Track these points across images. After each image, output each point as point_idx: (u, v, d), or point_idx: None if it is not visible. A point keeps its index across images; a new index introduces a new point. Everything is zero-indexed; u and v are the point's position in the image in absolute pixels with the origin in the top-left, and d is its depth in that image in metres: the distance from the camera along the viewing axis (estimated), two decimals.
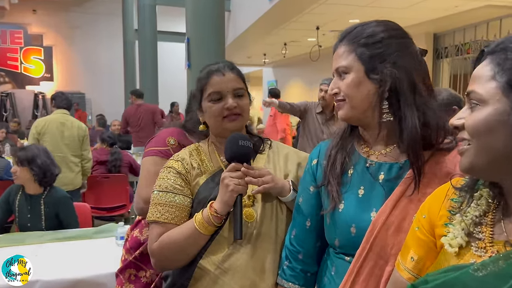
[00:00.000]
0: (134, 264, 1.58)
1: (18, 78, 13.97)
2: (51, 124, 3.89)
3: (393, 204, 0.96)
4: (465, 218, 0.72)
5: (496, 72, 0.65)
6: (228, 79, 1.28)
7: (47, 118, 4.06)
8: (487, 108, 0.65)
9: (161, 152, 1.52)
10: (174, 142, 1.54)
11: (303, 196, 1.16)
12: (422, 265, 0.80)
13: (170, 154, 1.47)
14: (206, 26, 3.76)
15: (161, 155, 1.51)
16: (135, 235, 1.63)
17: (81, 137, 3.97)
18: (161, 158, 1.49)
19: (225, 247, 1.20)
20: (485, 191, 0.73)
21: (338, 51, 1.04)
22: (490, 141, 0.65)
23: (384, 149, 1.03)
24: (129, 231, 1.69)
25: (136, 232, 1.64)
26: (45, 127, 3.87)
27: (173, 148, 1.51)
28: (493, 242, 0.68)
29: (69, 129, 3.92)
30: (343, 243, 1.03)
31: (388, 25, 1.02)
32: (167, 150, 1.52)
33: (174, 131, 1.59)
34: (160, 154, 1.52)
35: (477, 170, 0.69)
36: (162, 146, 1.53)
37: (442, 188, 0.83)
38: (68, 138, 3.89)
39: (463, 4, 5.53)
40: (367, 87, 0.99)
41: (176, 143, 1.54)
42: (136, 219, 1.69)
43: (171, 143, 1.53)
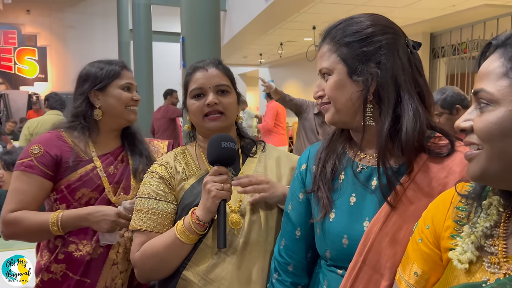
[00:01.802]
0: None
1: (12, 78, 13.85)
2: (44, 125, 3.82)
3: (387, 213, 0.88)
4: (475, 229, 0.65)
5: (509, 68, 0.59)
6: (211, 75, 1.22)
7: (40, 119, 3.99)
8: (500, 109, 0.59)
9: (22, 165, 1.38)
10: (38, 150, 1.39)
11: (292, 204, 1.08)
12: (426, 281, 0.73)
13: (33, 165, 1.37)
14: (201, 25, 3.71)
15: (22, 168, 1.38)
16: (37, 260, 1.48)
17: None
18: (21, 172, 1.37)
19: (209, 256, 1.13)
20: (495, 198, 0.66)
21: (321, 50, 0.97)
22: (504, 146, 0.58)
23: (375, 153, 0.94)
24: (35, 253, 1.54)
25: (38, 256, 1.49)
26: (37, 128, 3.80)
27: (36, 158, 1.38)
28: (507, 257, 0.61)
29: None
30: (335, 255, 0.96)
31: (374, 20, 0.95)
32: (29, 161, 1.38)
33: (43, 137, 1.46)
34: (21, 168, 1.38)
35: (489, 178, 0.62)
36: (25, 157, 1.39)
37: (446, 194, 0.76)
38: None
39: (460, 3, 5.50)
40: (350, 89, 0.92)
41: (42, 150, 1.39)
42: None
43: (34, 152, 1.39)
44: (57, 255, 1.42)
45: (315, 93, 0.98)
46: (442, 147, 0.92)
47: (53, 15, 13.74)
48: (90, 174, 1.43)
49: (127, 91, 1.48)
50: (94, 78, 1.46)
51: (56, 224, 1.35)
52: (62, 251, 1.42)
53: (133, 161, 1.51)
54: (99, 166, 1.45)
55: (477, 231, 0.64)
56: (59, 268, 1.42)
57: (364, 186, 0.94)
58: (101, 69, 1.48)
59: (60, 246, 1.42)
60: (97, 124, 1.48)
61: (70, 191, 1.41)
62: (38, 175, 1.37)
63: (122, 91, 1.47)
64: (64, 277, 1.42)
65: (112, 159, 1.50)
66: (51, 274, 1.42)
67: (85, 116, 1.46)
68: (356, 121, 0.93)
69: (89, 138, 1.46)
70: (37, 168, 1.37)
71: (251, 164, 1.27)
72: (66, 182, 1.41)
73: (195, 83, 1.22)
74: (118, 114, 1.47)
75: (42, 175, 1.38)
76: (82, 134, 1.45)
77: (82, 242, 1.42)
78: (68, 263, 1.41)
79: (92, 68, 1.49)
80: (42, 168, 1.38)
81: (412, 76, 0.93)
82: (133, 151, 1.53)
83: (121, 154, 1.53)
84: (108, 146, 1.51)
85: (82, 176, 1.42)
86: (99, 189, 1.43)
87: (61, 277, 1.42)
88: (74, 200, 1.41)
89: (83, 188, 1.41)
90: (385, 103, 0.89)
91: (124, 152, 1.54)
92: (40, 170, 1.38)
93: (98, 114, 1.46)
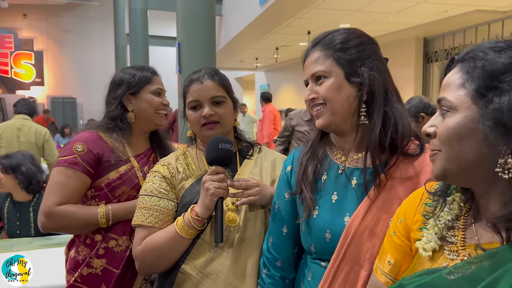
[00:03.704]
0: (78, 287, 1.50)
1: (8, 83, 13.87)
2: (7, 129, 3.85)
3: (366, 209, 0.96)
4: (438, 222, 0.73)
5: (466, 80, 0.67)
6: (206, 87, 1.30)
7: (5, 123, 4.01)
8: (457, 115, 0.67)
9: (66, 162, 1.45)
10: (82, 148, 1.47)
11: (279, 203, 1.16)
12: (398, 269, 0.81)
13: (77, 162, 1.44)
14: (197, 31, 3.76)
15: (66, 164, 1.45)
16: (73, 256, 1.54)
17: (39, 142, 3.88)
18: (65, 168, 1.45)
19: (206, 251, 1.21)
20: (458, 195, 0.74)
21: (312, 57, 1.04)
22: (460, 148, 0.66)
23: (356, 155, 1.04)
24: (66, 250, 1.60)
25: (73, 252, 1.55)
26: (1, 131, 3.83)
27: (80, 155, 1.46)
28: (465, 246, 0.69)
29: (26, 134, 3.84)
30: (319, 248, 1.04)
31: (358, 32, 1.04)
32: (73, 158, 1.45)
33: (83, 136, 1.52)
34: (65, 164, 1.45)
35: (449, 176, 0.70)
36: (68, 154, 1.47)
37: (417, 192, 0.84)
38: (25, 143, 3.80)
39: (452, 9, 5.61)
40: (348, 91, 1.00)
41: (85, 148, 1.47)
42: (71, 238, 1.60)
43: (78, 150, 1.46)
44: (98, 250, 1.49)
45: (307, 95, 1.05)
46: (415, 148, 1.01)
47: (50, 20, 13.79)
48: (129, 173, 1.51)
49: (158, 96, 1.57)
50: (127, 83, 1.55)
51: (106, 216, 1.44)
52: (103, 246, 1.49)
53: None
54: (136, 166, 1.54)
55: (440, 223, 0.73)
56: (99, 263, 1.49)
57: (345, 185, 1.03)
58: (133, 75, 1.56)
59: (100, 241, 1.49)
60: (131, 126, 1.56)
61: (111, 189, 1.49)
62: (81, 171, 1.45)
63: (153, 96, 1.56)
64: (105, 271, 1.48)
65: (146, 160, 1.59)
66: (91, 269, 1.49)
67: (121, 118, 1.54)
68: (349, 123, 1.02)
69: (125, 139, 1.54)
70: (80, 165, 1.45)
71: (248, 166, 1.35)
72: (106, 180, 1.49)
73: (191, 96, 1.31)
74: (148, 117, 1.56)
75: (85, 171, 1.46)
76: (120, 136, 1.53)
77: (122, 238, 1.50)
78: (109, 257, 1.48)
79: (125, 75, 1.58)
80: (85, 165, 1.46)
81: (392, 82, 1.04)
82: (162, 153, 1.61)
83: (152, 155, 1.62)
84: (140, 148, 1.60)
85: (122, 175, 1.50)
86: (137, 187, 1.50)
87: (101, 272, 1.48)
88: (114, 198, 1.49)
89: (123, 186, 1.49)
90: (378, 103, 0.99)
91: (154, 154, 1.63)
92: (83, 167, 1.46)
93: (131, 117, 1.54)
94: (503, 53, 0.65)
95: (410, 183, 0.96)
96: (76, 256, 1.53)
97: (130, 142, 1.57)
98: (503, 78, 0.63)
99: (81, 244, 1.52)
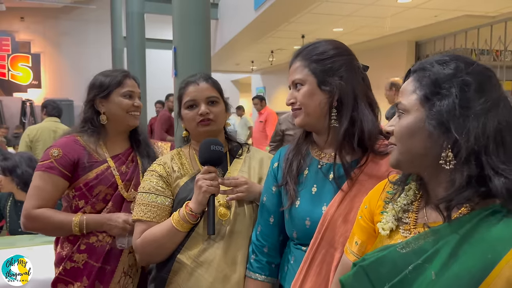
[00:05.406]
0: (62, 279, 1.59)
1: (5, 85, 13.87)
2: (44, 132, 4.01)
3: (341, 199, 1.10)
4: (396, 206, 0.86)
5: (417, 87, 0.81)
6: (202, 88, 1.42)
7: (39, 126, 4.16)
8: (409, 116, 0.80)
9: (43, 166, 1.55)
10: (57, 153, 1.56)
11: (266, 196, 1.29)
12: (365, 248, 0.94)
13: (53, 166, 1.54)
14: (193, 35, 3.85)
15: (43, 169, 1.55)
16: (58, 251, 1.63)
17: None
18: (42, 172, 1.55)
19: (200, 242, 1.32)
20: (414, 184, 0.87)
21: (294, 65, 1.18)
22: (411, 143, 0.80)
23: (333, 152, 1.17)
24: (54, 245, 1.69)
25: (58, 247, 1.64)
26: (37, 134, 3.97)
27: (56, 160, 1.54)
28: (416, 225, 0.83)
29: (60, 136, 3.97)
30: (300, 235, 1.17)
31: (335, 44, 1.17)
32: (49, 163, 1.54)
33: (60, 141, 1.62)
34: (42, 168, 1.55)
35: (401, 165, 0.84)
36: (45, 159, 1.56)
37: (381, 183, 0.97)
38: None
39: (442, 14, 5.73)
40: (319, 97, 1.14)
41: (61, 153, 1.55)
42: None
43: (54, 155, 1.55)
44: (79, 245, 1.58)
45: (287, 100, 1.20)
46: (384, 147, 1.14)
47: (47, 22, 13.82)
48: (105, 173, 1.60)
49: (129, 99, 1.65)
50: (99, 86, 1.64)
51: (79, 225, 1.53)
52: (84, 242, 1.58)
53: (142, 161, 1.70)
54: (113, 165, 1.62)
55: (397, 207, 0.86)
56: (81, 257, 1.58)
57: (324, 178, 1.16)
58: (106, 78, 1.65)
59: (81, 237, 1.58)
60: (105, 128, 1.65)
61: (88, 188, 1.58)
62: (57, 175, 1.55)
63: (123, 99, 1.63)
64: (86, 265, 1.58)
65: (124, 159, 1.67)
66: (73, 263, 1.58)
67: (91, 121, 1.63)
68: (322, 124, 1.16)
69: (99, 141, 1.63)
70: (56, 169, 1.55)
71: (237, 165, 1.47)
72: (84, 181, 1.58)
73: (188, 96, 1.42)
74: (120, 119, 1.64)
75: (61, 175, 1.56)
76: (91, 137, 1.62)
77: (102, 234, 1.59)
78: (90, 252, 1.58)
79: (98, 77, 1.67)
80: (61, 169, 1.56)
81: (365, 89, 1.17)
82: (141, 153, 1.71)
83: (131, 155, 1.71)
84: (119, 148, 1.69)
85: (98, 175, 1.59)
86: (113, 186, 1.60)
87: (83, 265, 1.58)
88: (92, 196, 1.59)
89: (100, 185, 1.59)
90: (346, 108, 1.12)
91: (133, 153, 1.72)
92: (59, 171, 1.55)
93: (103, 119, 1.63)
94: (445, 65, 0.78)
95: (378, 178, 1.08)
96: (60, 251, 1.62)
97: (107, 143, 1.65)
98: (444, 85, 0.76)
99: (65, 240, 1.62)
